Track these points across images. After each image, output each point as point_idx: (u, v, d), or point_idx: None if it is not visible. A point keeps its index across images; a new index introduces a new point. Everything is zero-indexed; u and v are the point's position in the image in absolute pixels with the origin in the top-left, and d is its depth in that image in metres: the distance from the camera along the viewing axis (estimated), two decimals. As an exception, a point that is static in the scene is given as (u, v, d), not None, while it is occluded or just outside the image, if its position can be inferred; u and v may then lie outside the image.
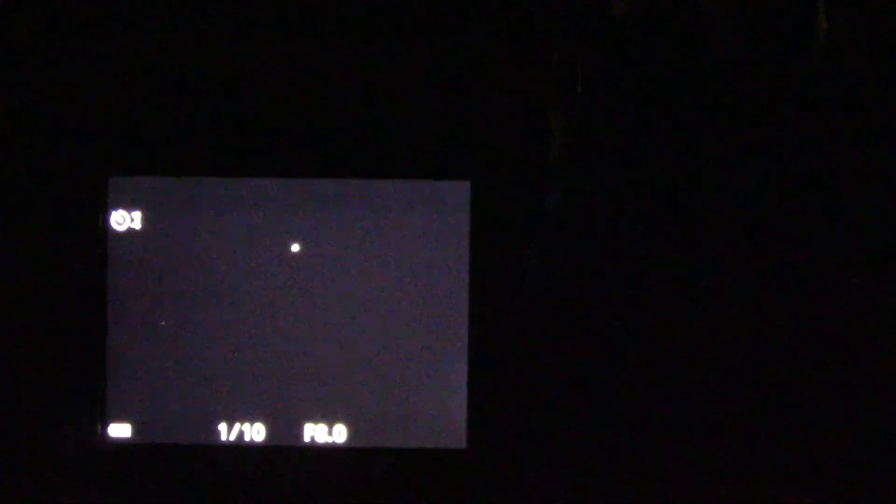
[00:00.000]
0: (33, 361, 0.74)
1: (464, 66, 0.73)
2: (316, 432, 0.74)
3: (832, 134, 0.68)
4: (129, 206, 0.74)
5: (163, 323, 0.73)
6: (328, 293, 0.73)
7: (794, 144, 0.67)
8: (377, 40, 0.73)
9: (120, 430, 0.74)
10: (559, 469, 0.74)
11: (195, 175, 0.74)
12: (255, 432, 0.74)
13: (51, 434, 0.74)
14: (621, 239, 0.70)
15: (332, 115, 0.74)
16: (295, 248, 0.73)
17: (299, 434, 0.74)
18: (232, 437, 0.74)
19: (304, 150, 0.74)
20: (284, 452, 0.75)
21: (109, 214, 0.73)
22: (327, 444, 0.74)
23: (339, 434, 0.74)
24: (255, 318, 0.74)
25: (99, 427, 0.74)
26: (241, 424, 0.74)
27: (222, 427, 0.74)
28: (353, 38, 0.73)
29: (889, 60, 0.66)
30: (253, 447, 0.74)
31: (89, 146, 0.74)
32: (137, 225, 0.73)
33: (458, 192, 0.73)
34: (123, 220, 0.73)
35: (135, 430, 0.74)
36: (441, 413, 0.74)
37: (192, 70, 0.73)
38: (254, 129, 0.74)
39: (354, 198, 0.73)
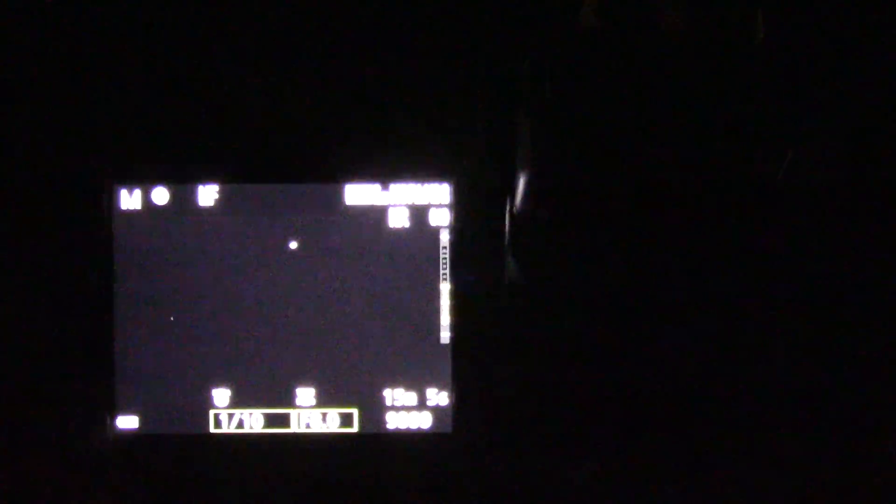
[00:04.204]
0: (43, 357, 0.78)
1: (444, 77, 0.79)
2: (311, 420, 0.79)
3: (778, 135, 0.73)
4: (135, 211, 0.79)
5: (171, 318, 0.78)
6: (324, 288, 0.79)
7: (743, 140, 0.73)
8: (367, 56, 0.79)
9: (127, 422, 0.79)
10: (540, 453, 0.79)
11: (196, 182, 0.79)
12: (255, 421, 0.79)
13: (60, 426, 0.78)
14: (591, 233, 0.76)
15: (326, 127, 0.79)
16: (293, 245, 0.79)
17: (296, 422, 0.79)
18: (232, 427, 0.79)
19: (302, 157, 0.79)
20: (282, 439, 0.80)
21: (114, 218, 0.79)
22: (323, 431, 0.79)
23: (333, 421, 0.79)
24: (256, 312, 0.79)
25: (107, 419, 0.79)
26: (241, 414, 0.79)
27: (224, 417, 0.79)
28: (346, 55, 0.79)
29: (821, 66, 0.72)
30: (252, 436, 0.79)
31: (95, 154, 0.79)
32: (142, 227, 0.79)
33: (439, 193, 0.79)
34: (128, 222, 0.79)
35: (142, 421, 0.79)
36: (427, 398, 0.79)
37: (195, 83, 0.79)
38: (257, 139, 0.79)
39: (347, 199, 0.79)
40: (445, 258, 0.79)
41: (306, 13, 0.78)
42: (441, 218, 0.79)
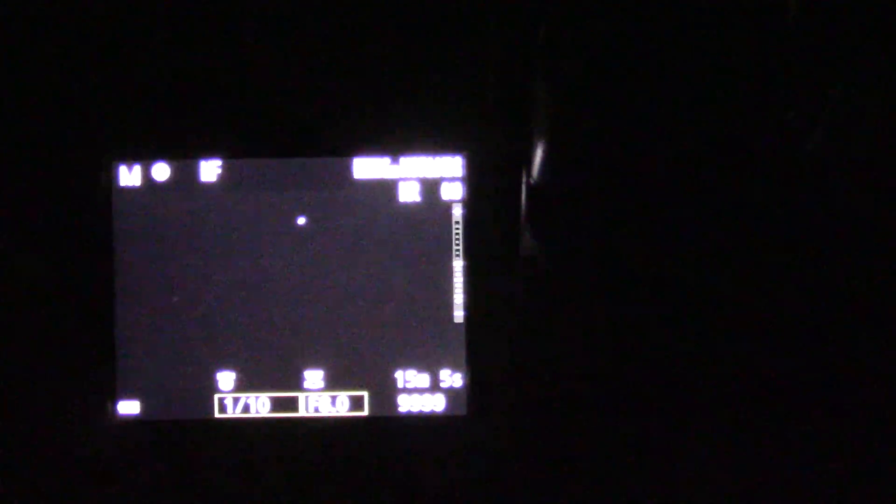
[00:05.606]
0: (42, 341, 0.75)
1: (455, 46, 0.76)
2: (320, 404, 0.76)
3: (809, 105, 0.70)
4: (135, 187, 0.76)
5: (175, 299, 0.75)
6: (333, 266, 0.76)
7: (771, 109, 0.70)
8: (375, 26, 0.76)
9: (129, 408, 0.76)
10: (559, 435, 0.76)
11: (197, 157, 0.76)
12: (261, 405, 0.76)
13: (60, 412, 0.75)
14: (611, 204, 0.73)
15: (333, 99, 0.76)
16: (300, 222, 0.76)
17: (304, 406, 0.76)
18: (238, 411, 0.76)
19: (308, 130, 0.76)
20: (289, 424, 0.76)
21: (113, 195, 0.76)
22: (332, 415, 0.76)
23: (343, 405, 0.76)
24: (261, 291, 0.76)
25: (108, 405, 0.76)
26: (247, 398, 0.76)
27: (228, 401, 0.76)
28: (354, 25, 0.76)
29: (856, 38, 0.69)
30: (259, 420, 0.76)
31: (93, 130, 0.76)
32: (142, 204, 0.76)
33: (452, 166, 0.76)
34: (127, 200, 0.76)
35: (143, 407, 0.76)
36: (441, 380, 0.76)
37: (196, 55, 0.76)
38: (261, 111, 0.76)
39: (356, 173, 0.76)
40: (458, 234, 0.76)
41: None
42: (453, 192, 0.76)
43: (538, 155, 0.72)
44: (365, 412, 0.77)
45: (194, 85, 0.76)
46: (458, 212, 0.76)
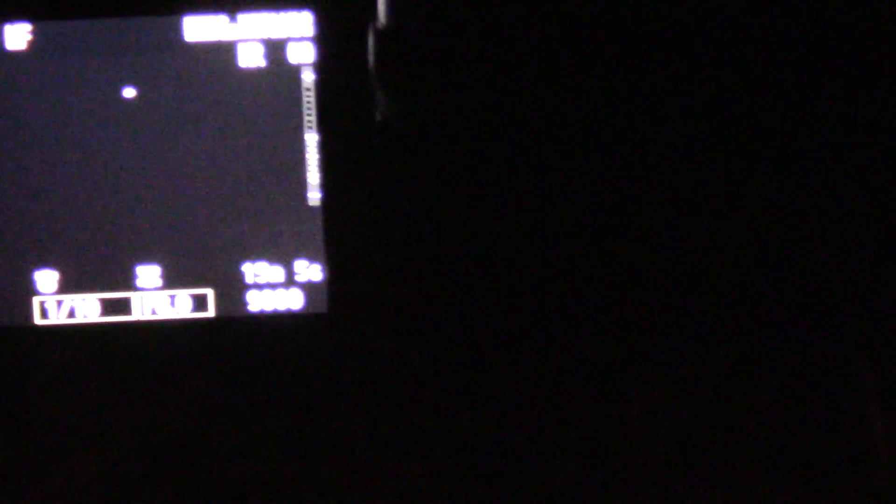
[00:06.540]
0: None
1: None
2: (157, 305, 0.66)
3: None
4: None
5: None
6: (166, 143, 0.65)
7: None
8: None
9: (-67, 314, 0.66)
10: (430, 331, 0.66)
11: (1, 20, 0.65)
12: (89, 308, 0.66)
13: None
14: (470, 66, 0.62)
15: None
16: (127, 93, 0.65)
17: (139, 308, 0.66)
18: (62, 317, 0.66)
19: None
20: (123, 329, 0.67)
21: None
22: (172, 317, 0.66)
23: (184, 305, 0.66)
24: (85, 175, 0.65)
25: None
26: (72, 300, 0.66)
27: (51, 305, 0.66)
28: None
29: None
30: (87, 326, 0.66)
31: None
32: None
33: (299, 24, 0.65)
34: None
35: (-49, 313, 0.66)
36: (296, 273, 0.66)
37: None
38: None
39: (187, 34, 0.65)
40: (310, 103, 0.66)
41: None
42: (302, 54, 0.65)
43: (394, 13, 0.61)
44: (210, 313, 0.67)
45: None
46: (308, 77, 0.66)
